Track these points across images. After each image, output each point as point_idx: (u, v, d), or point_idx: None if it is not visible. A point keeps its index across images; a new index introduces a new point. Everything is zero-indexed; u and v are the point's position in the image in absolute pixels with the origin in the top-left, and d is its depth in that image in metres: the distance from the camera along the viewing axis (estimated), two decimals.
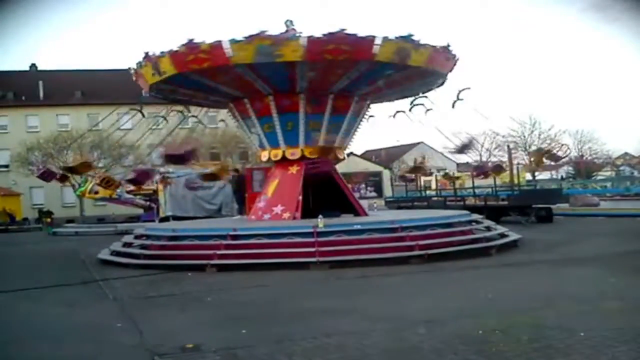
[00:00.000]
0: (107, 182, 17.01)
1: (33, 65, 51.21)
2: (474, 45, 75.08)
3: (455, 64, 14.48)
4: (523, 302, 7.09)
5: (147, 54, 13.34)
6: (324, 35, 11.84)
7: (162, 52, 12.87)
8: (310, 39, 11.89)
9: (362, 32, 12.03)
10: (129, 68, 14.48)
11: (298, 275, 10.31)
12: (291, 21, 13.54)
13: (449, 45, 13.78)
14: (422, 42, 12.81)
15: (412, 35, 12.50)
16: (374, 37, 12.10)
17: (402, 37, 12.41)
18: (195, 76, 13.05)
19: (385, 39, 12.17)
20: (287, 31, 13.10)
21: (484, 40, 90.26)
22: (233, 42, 11.93)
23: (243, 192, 18.83)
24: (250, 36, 11.80)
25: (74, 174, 17.09)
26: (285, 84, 13.45)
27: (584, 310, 6.47)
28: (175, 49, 12.49)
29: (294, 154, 14.57)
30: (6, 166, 44.52)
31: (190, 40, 12.23)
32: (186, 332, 6.22)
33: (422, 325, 5.95)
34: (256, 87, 13.61)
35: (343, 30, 11.81)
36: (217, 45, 12.04)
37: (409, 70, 13.15)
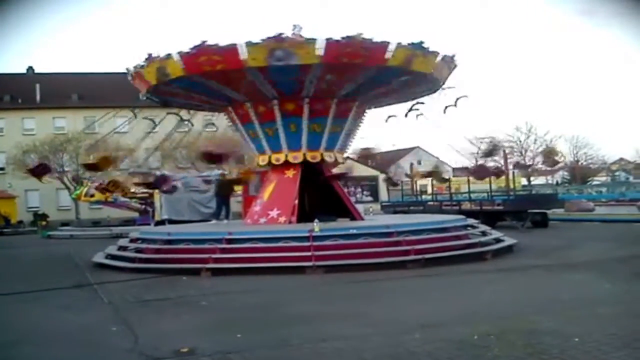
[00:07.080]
0: (113, 185, 16.83)
1: (30, 68, 51.16)
2: (469, 51, 75.29)
3: (452, 72, 14.68)
4: (518, 307, 7.10)
5: (150, 55, 13.16)
6: (342, 38, 11.87)
7: (169, 54, 12.69)
8: (329, 42, 11.85)
9: (376, 37, 12.15)
10: (127, 69, 14.34)
11: (294, 279, 10.29)
12: (299, 26, 13.43)
13: (454, 55, 14.03)
14: (431, 49, 12.99)
15: (423, 43, 12.67)
16: (388, 42, 12.22)
17: (413, 43, 12.56)
18: (201, 79, 12.93)
19: (398, 44, 12.30)
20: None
21: (479, 47, 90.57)
22: (249, 44, 11.85)
23: (226, 195, 18.65)
24: (267, 39, 11.74)
25: (95, 171, 16.54)
26: (292, 88, 13.42)
27: (579, 315, 6.48)
28: (186, 50, 12.33)
29: (296, 157, 14.56)
30: (2, 169, 44.40)
31: (204, 42, 12.09)
32: (181, 336, 6.20)
33: (417, 330, 5.95)
34: (261, 90, 13.51)
35: (360, 34, 11.88)
36: (231, 48, 11.94)
37: (413, 76, 13.34)
